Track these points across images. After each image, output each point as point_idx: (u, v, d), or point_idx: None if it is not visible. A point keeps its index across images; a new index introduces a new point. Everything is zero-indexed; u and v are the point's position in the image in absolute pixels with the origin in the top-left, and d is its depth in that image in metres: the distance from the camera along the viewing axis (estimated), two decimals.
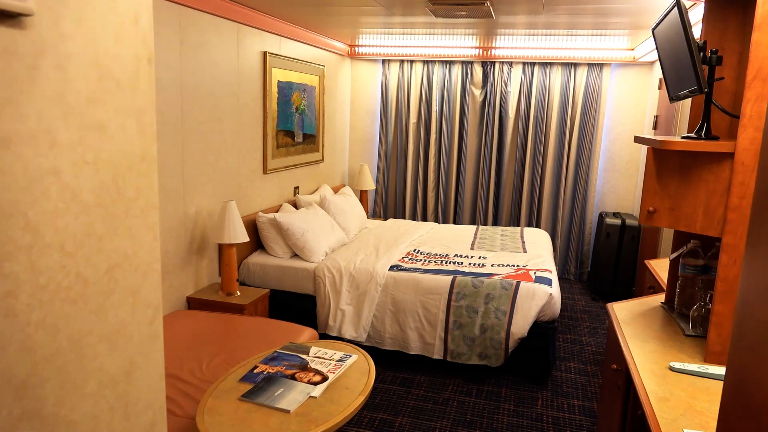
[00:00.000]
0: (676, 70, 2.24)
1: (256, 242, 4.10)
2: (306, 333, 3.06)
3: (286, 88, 4.48)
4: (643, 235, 4.92)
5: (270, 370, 1.97)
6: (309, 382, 1.88)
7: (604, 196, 5.67)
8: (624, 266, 5.05)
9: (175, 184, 3.22)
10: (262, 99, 4.15)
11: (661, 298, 2.68)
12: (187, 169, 3.31)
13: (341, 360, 2.08)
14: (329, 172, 5.62)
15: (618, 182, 5.60)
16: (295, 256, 4.01)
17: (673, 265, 2.56)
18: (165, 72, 3.06)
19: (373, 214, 6.27)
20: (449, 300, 3.53)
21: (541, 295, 3.41)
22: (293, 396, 1.78)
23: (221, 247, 3.49)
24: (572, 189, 5.64)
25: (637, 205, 5.34)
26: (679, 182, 2.03)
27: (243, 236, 3.44)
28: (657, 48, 2.40)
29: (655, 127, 4.80)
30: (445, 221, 6.00)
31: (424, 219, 6.06)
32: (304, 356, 2.10)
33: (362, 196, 5.85)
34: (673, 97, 2.40)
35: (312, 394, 1.80)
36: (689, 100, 3.12)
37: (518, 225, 5.79)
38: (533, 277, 3.58)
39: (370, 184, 5.83)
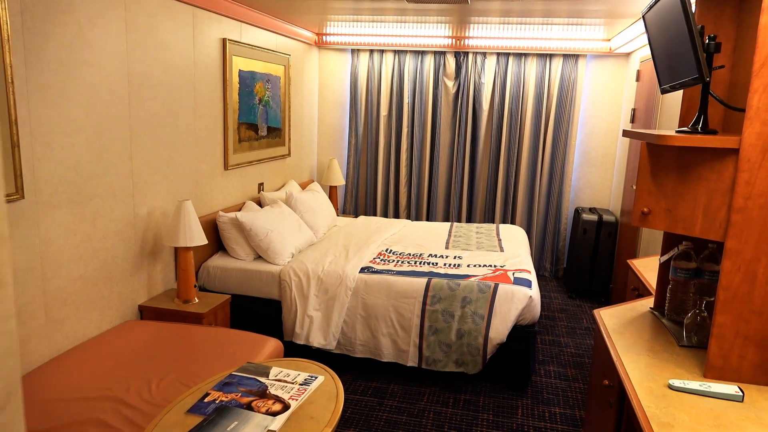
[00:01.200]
0: (670, 59, 2.05)
1: (217, 244, 3.82)
2: (270, 344, 2.81)
3: (248, 78, 4.20)
4: (620, 231, 4.80)
5: (223, 398, 1.73)
6: (267, 412, 1.64)
7: (579, 191, 5.55)
8: (601, 263, 4.93)
9: (123, 183, 2.92)
10: (221, 89, 3.86)
11: (649, 302, 2.53)
12: (136, 166, 3.01)
13: (305, 383, 1.85)
14: (296, 168, 5.35)
15: (594, 177, 5.48)
16: (258, 258, 3.75)
17: (663, 268, 2.40)
18: (108, 59, 2.76)
19: (343, 211, 6.03)
20: (424, 304, 3.32)
21: (520, 298, 3.23)
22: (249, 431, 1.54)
23: (177, 251, 3.21)
24: (548, 183, 5.50)
25: (614, 200, 5.22)
26: (676, 181, 1.85)
27: (200, 238, 3.16)
28: (648, 34, 2.21)
29: (632, 120, 4.68)
30: (418, 218, 5.79)
31: (396, 216, 5.85)
32: (263, 380, 1.86)
33: (331, 192, 5.60)
34: (666, 88, 2.22)
35: (270, 428, 1.57)
36: (675, 92, 2.93)
37: (493, 221, 5.63)
38: (512, 278, 3.40)
39: (339, 179, 5.58)
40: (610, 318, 2.32)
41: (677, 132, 1.87)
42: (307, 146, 5.62)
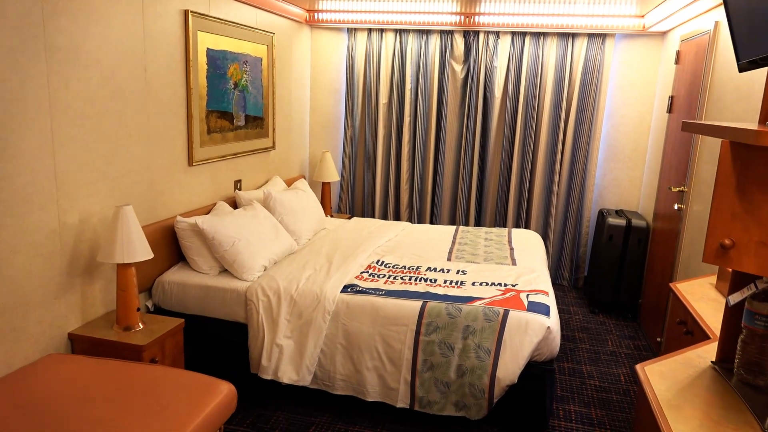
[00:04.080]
0: (755, 23, 1.42)
1: (177, 253, 3.25)
2: (220, 390, 2.23)
3: (219, 59, 3.60)
4: (652, 239, 4.15)
5: None
6: None
7: (604, 191, 4.89)
8: (628, 275, 4.29)
9: (42, 184, 2.35)
10: (184, 71, 3.26)
11: (708, 352, 1.90)
12: (61, 164, 2.44)
13: None
14: (283, 162, 4.75)
15: (621, 174, 4.81)
16: (225, 271, 3.17)
17: (732, 311, 1.78)
18: (13, 29, 2.17)
19: (338, 210, 5.43)
20: (417, 333, 2.72)
21: (536, 329, 2.62)
22: None
23: (117, 267, 2.63)
24: (568, 181, 4.85)
25: (645, 202, 4.56)
26: None
27: (144, 252, 2.58)
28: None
29: (669, 110, 4.01)
30: (420, 219, 5.18)
31: (397, 217, 5.23)
32: None
33: (324, 189, 5.00)
34: (745, 65, 1.58)
35: None
36: (737, 75, 2.20)
37: (505, 223, 4.99)
38: (525, 302, 2.78)
39: (333, 175, 4.98)
40: (660, 379, 1.71)
41: None
42: (296, 138, 5.02)
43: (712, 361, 1.81)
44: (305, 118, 5.22)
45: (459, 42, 4.80)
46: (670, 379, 1.70)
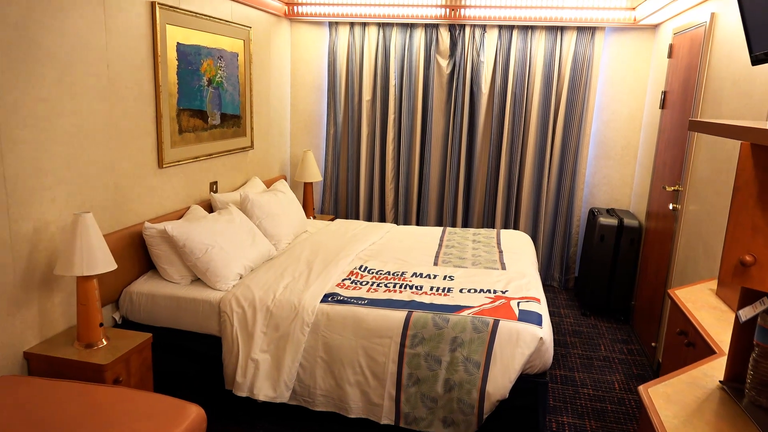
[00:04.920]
0: None
1: (147, 262, 3.05)
2: (189, 415, 2.05)
3: (191, 54, 3.39)
4: (645, 239, 4.02)
5: None
6: None
7: (594, 189, 4.75)
8: (621, 276, 4.16)
9: None
10: (152, 67, 3.06)
11: (715, 369, 1.76)
12: (11, 168, 2.23)
13: None
14: (262, 162, 4.56)
15: (612, 172, 4.68)
16: (197, 280, 2.98)
17: (742, 327, 1.63)
18: None
19: (321, 211, 5.25)
20: (402, 345, 2.56)
21: (527, 341, 2.46)
22: None
23: (77, 280, 2.43)
24: (557, 180, 4.71)
25: (637, 201, 4.43)
26: None
27: (106, 263, 2.39)
28: None
29: (663, 106, 3.87)
30: (406, 220, 5.01)
31: (382, 217, 5.06)
32: None
33: (306, 190, 4.82)
34: (761, 56, 1.43)
35: None
36: (732, 71, 2.04)
37: (493, 224, 4.84)
38: (516, 311, 2.63)
39: (315, 174, 4.79)
40: (666, 403, 1.55)
41: None
42: (276, 137, 4.82)
43: (720, 381, 1.67)
44: (285, 116, 5.03)
45: (444, 36, 4.63)
46: (677, 402, 1.55)
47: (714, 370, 1.75)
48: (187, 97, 3.39)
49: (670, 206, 3.35)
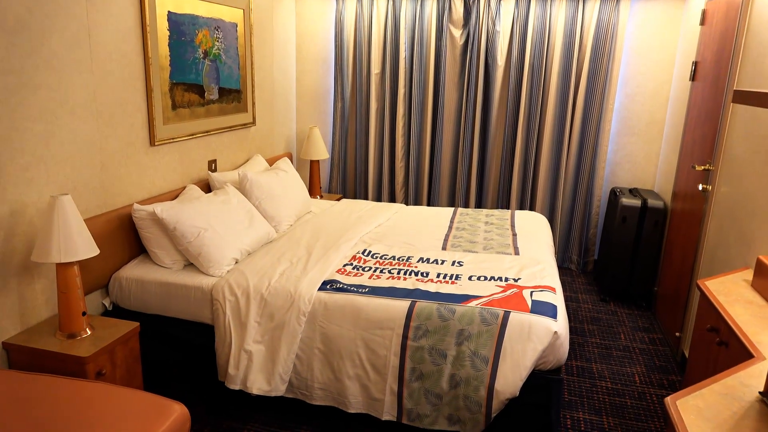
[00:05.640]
0: None
1: (138, 245, 2.90)
2: (172, 414, 1.91)
3: (184, 24, 3.19)
4: (670, 221, 3.76)
5: None
6: None
7: (616, 167, 4.48)
8: (643, 260, 3.91)
9: None
10: (140, 38, 2.86)
11: (752, 376, 1.54)
12: None
13: None
14: (265, 139, 4.36)
15: (635, 149, 4.40)
16: (190, 265, 2.82)
17: None
18: None
19: (328, 190, 5.06)
20: (405, 338, 2.38)
21: (540, 335, 2.26)
22: None
23: (57, 266, 2.28)
24: (577, 157, 4.44)
25: (662, 180, 4.15)
26: None
27: (87, 248, 2.23)
28: None
29: (693, 78, 3.57)
30: (417, 200, 4.80)
31: (392, 197, 4.86)
32: None
33: (313, 167, 4.63)
34: None
35: None
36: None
37: (508, 204, 4.61)
38: (529, 301, 2.42)
39: (322, 152, 4.60)
40: (697, 419, 1.35)
41: None
42: (280, 112, 4.61)
43: (760, 392, 1.46)
44: (291, 90, 4.81)
45: (458, 4, 4.35)
46: (710, 418, 1.35)
47: (752, 378, 1.54)
48: (180, 71, 3.19)
49: (700, 187, 3.09)
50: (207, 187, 3.45)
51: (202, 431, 2.53)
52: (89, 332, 2.33)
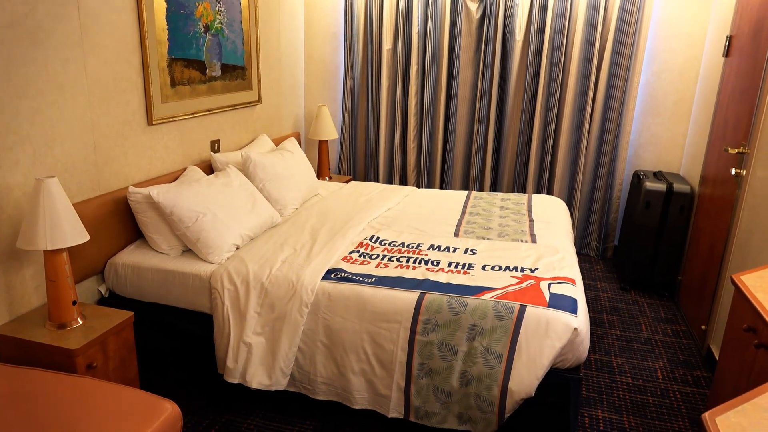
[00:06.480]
0: None
1: (135, 229, 2.77)
2: (162, 413, 1.79)
3: None
4: (698, 207, 3.55)
5: None
6: None
7: (640, 149, 4.25)
8: (667, 247, 3.71)
9: None
10: (135, 10, 2.69)
11: None
12: None
13: None
14: (272, 118, 4.19)
15: (661, 130, 4.16)
16: (188, 251, 2.69)
17: None
18: None
19: (338, 171, 4.90)
20: (413, 332, 2.23)
21: (559, 331, 2.10)
22: None
23: (45, 254, 2.16)
24: (598, 138, 4.22)
25: (689, 163, 3.92)
26: None
27: (76, 234, 2.10)
28: None
29: (727, 54, 3.33)
30: (429, 182, 4.62)
31: (403, 179, 4.68)
32: None
33: (322, 147, 4.46)
34: None
35: None
36: None
37: (525, 188, 4.41)
38: (547, 295, 2.25)
39: (331, 132, 4.42)
40: None
41: None
42: (287, 90, 4.43)
43: None
44: (298, 67, 4.62)
45: None
46: None
47: None
48: (180, 46, 3.03)
49: (732, 171, 2.87)
50: (209, 169, 3.31)
51: (200, 424, 2.42)
52: (81, 322, 2.21)
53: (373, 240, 2.87)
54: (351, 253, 2.68)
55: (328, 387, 2.36)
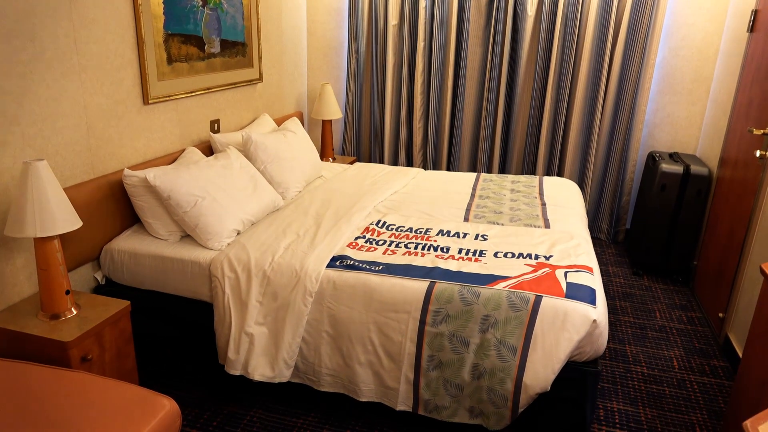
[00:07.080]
0: None
1: (132, 214, 2.66)
2: (160, 410, 1.70)
3: None
4: (716, 190, 3.42)
5: None
6: None
7: (656, 129, 4.10)
8: (683, 231, 3.59)
9: None
10: None
11: None
12: None
13: None
14: (273, 97, 4.05)
15: (678, 110, 4.01)
16: (187, 236, 2.58)
17: None
18: None
19: (342, 152, 4.76)
20: (422, 322, 2.13)
21: (576, 324, 1.99)
22: None
23: (35, 241, 2.05)
24: (612, 118, 4.07)
25: (707, 144, 3.78)
26: None
27: (68, 221, 1.99)
28: None
29: (751, 29, 3.16)
30: (436, 164, 4.49)
31: (409, 160, 4.55)
32: None
33: (325, 127, 4.32)
34: None
35: None
36: None
37: (535, 170, 4.28)
38: (563, 284, 2.14)
39: (335, 111, 4.28)
40: None
41: None
42: (290, 67, 4.28)
43: None
44: (301, 43, 4.46)
45: None
46: None
47: None
48: (176, 20, 2.88)
49: (757, 153, 2.73)
50: (209, 150, 3.19)
51: (201, 417, 2.34)
52: (75, 312, 2.11)
53: (379, 225, 2.75)
54: (357, 239, 2.57)
55: (334, 378, 2.27)
